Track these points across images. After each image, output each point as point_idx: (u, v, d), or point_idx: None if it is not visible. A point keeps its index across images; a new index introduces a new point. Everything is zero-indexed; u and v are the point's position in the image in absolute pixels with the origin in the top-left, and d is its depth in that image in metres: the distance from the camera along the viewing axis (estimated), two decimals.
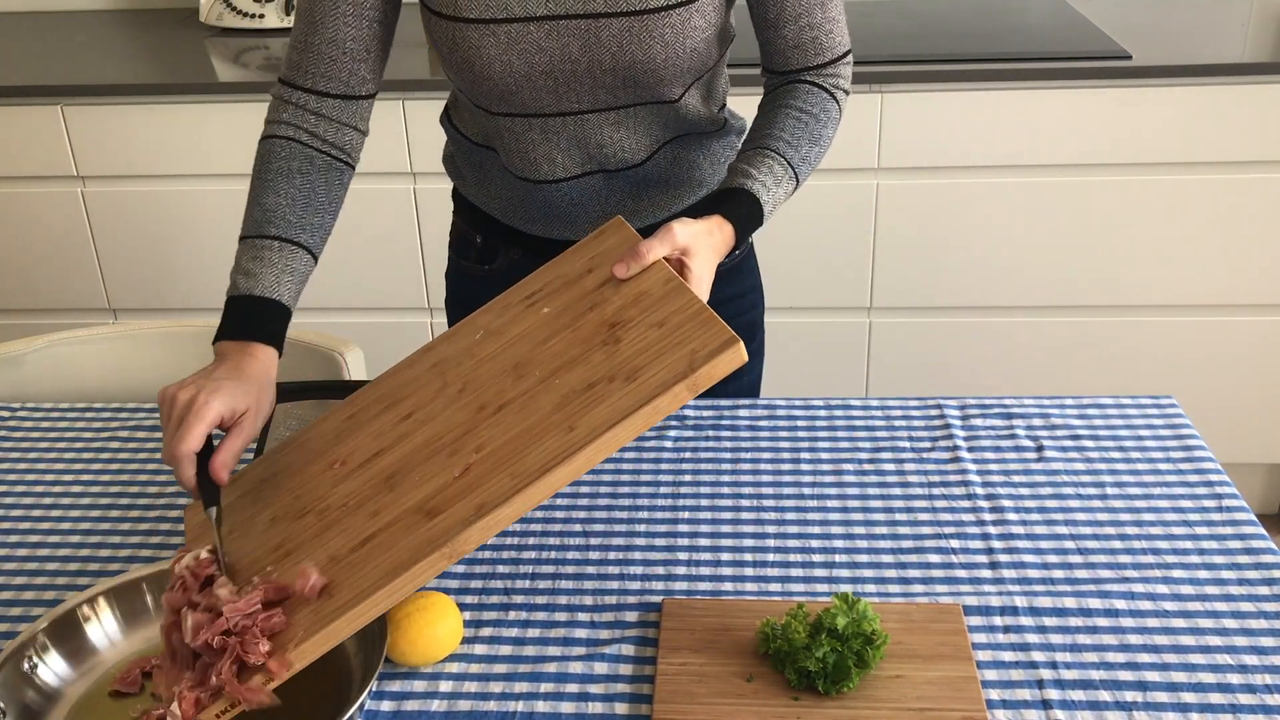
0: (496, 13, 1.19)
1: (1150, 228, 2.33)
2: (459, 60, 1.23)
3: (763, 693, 0.98)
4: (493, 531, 0.92)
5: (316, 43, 1.22)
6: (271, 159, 1.22)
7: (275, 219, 1.18)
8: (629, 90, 1.25)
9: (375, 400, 1.14)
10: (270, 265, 1.16)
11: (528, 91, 1.24)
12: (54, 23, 2.80)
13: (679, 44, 1.21)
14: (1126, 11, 2.54)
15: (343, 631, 0.91)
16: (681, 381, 0.93)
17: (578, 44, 1.20)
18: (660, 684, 1.00)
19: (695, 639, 1.04)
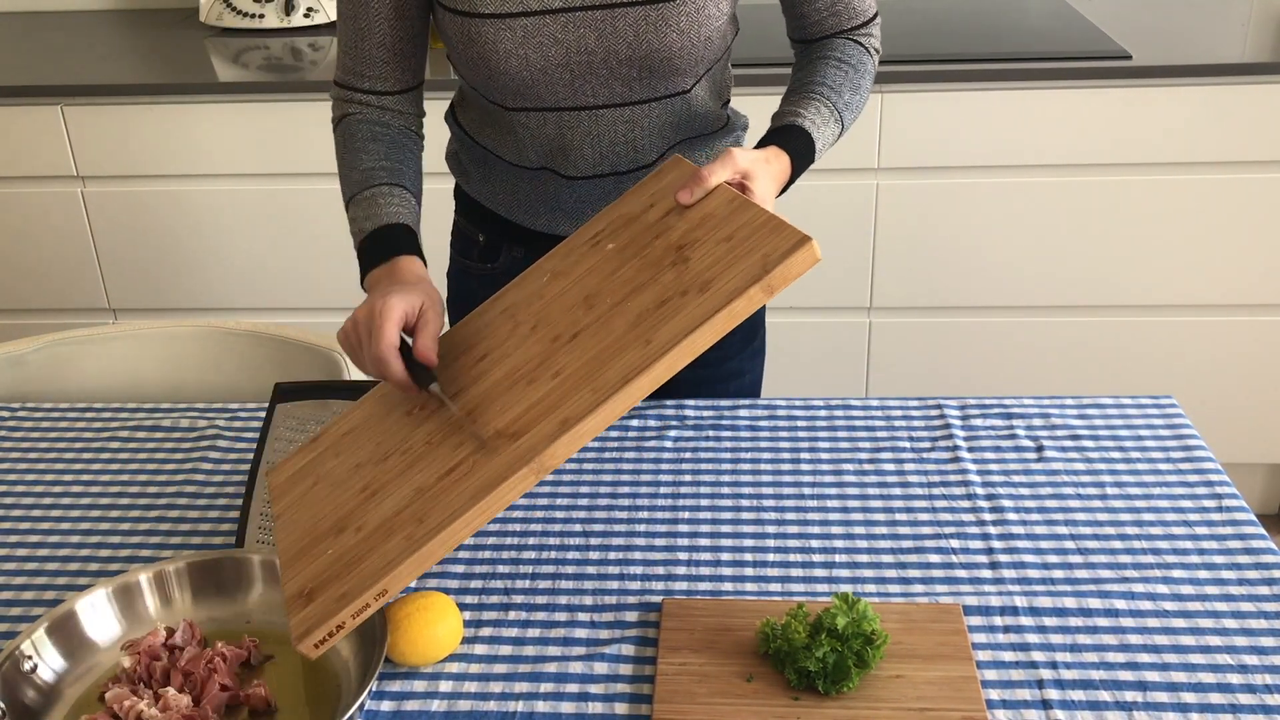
0: (512, 7, 1.19)
1: (1150, 228, 2.33)
2: (474, 56, 1.23)
3: (763, 693, 0.98)
4: (577, 445, 0.94)
5: (367, 48, 1.27)
6: (355, 133, 1.28)
7: (377, 173, 1.24)
8: (644, 82, 1.25)
9: (449, 350, 1.14)
10: (385, 205, 1.21)
11: (544, 85, 1.24)
12: (54, 23, 2.80)
13: (695, 32, 1.22)
14: (1126, 11, 2.54)
15: (436, 553, 0.93)
16: (756, 284, 0.94)
17: (594, 35, 1.20)
18: (660, 684, 1.00)
19: (695, 639, 1.04)
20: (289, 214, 2.42)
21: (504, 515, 1.24)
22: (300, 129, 2.33)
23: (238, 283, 2.50)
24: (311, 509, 1.06)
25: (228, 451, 1.38)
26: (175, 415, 1.46)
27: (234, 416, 1.45)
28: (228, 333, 1.63)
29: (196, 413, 1.46)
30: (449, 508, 0.95)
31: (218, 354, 1.64)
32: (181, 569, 1.10)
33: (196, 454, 1.38)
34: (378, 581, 0.93)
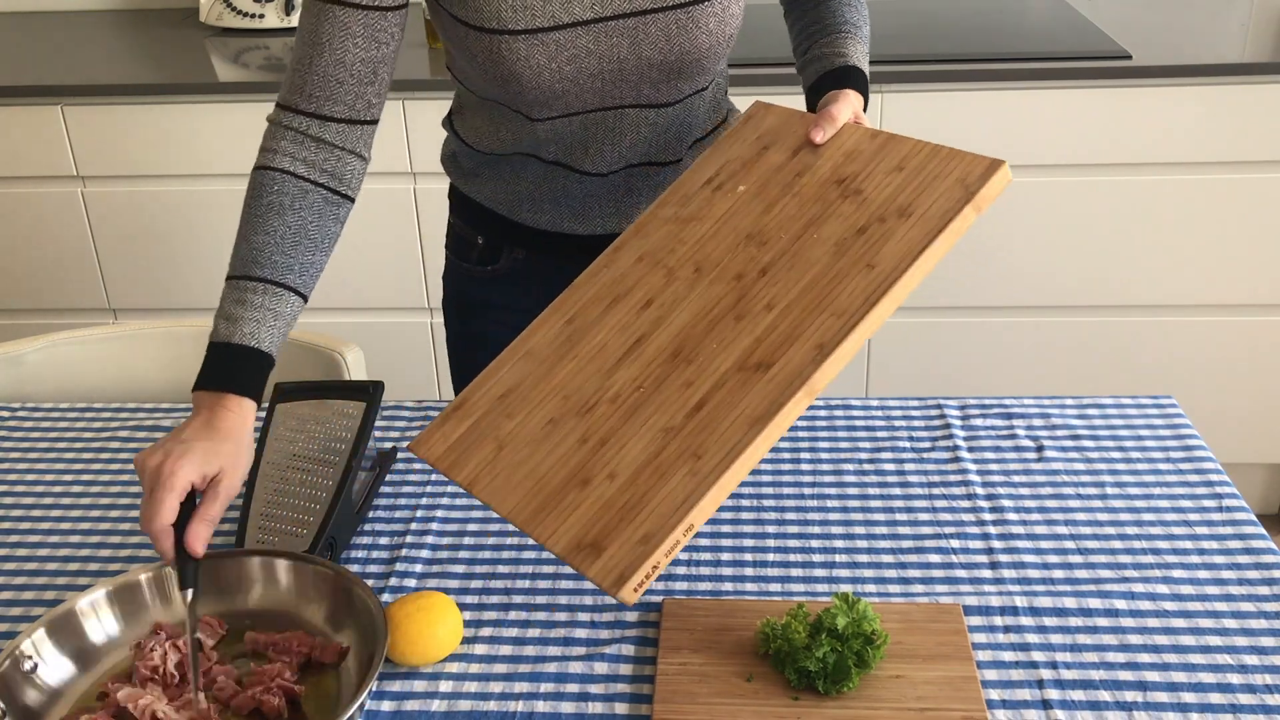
0: (543, 22, 1.17)
1: (1150, 228, 2.33)
2: (503, 73, 1.20)
3: (763, 693, 0.99)
4: (839, 366, 0.95)
5: (322, 64, 1.15)
6: (263, 192, 1.15)
7: (263, 259, 1.12)
8: (670, 83, 1.26)
9: (589, 303, 1.13)
10: (254, 309, 1.10)
11: (574, 94, 1.23)
12: (54, 23, 2.80)
13: (721, 31, 1.23)
14: (1126, 11, 2.54)
15: (731, 484, 0.93)
16: (967, 204, 0.97)
17: (626, 43, 1.20)
18: (660, 684, 1.00)
19: (695, 639, 1.04)
20: None
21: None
22: None
23: None
24: (525, 469, 1.02)
25: None
26: (175, 415, 1.46)
27: None
28: None
29: None
30: (728, 440, 0.95)
31: None
32: None
33: None
34: (684, 518, 0.92)
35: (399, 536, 1.22)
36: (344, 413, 1.25)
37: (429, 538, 1.21)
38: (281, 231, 1.14)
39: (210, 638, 1.06)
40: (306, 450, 1.22)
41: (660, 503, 0.94)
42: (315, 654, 1.04)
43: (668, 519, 0.92)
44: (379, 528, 1.24)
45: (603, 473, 0.98)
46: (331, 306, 2.50)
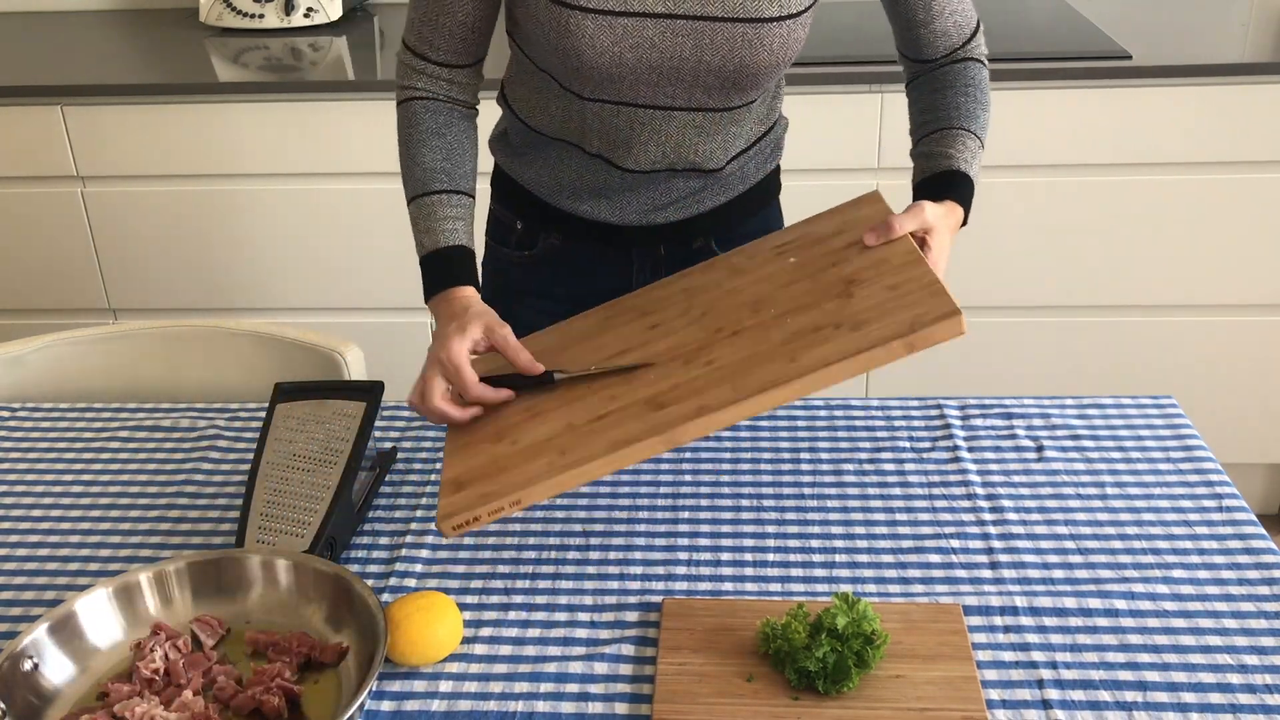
0: (615, 5, 1.20)
1: (1150, 228, 2.33)
2: (566, 47, 1.23)
3: (763, 693, 0.99)
4: (707, 431, 1.03)
5: (446, 23, 1.28)
6: (418, 120, 1.32)
7: (437, 175, 1.30)
8: (724, 92, 1.28)
9: (630, 309, 1.26)
10: (444, 218, 1.27)
11: (628, 83, 1.26)
12: (54, 23, 2.80)
13: (783, 52, 1.25)
14: (1126, 11, 2.54)
15: (567, 484, 1.05)
16: (900, 339, 1.02)
17: (690, 44, 1.22)
18: (660, 684, 1.00)
19: (695, 639, 1.04)
20: (289, 214, 2.42)
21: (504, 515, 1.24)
22: (300, 129, 2.33)
23: (238, 283, 2.50)
24: (487, 415, 1.17)
25: (228, 451, 1.38)
26: (175, 415, 1.46)
27: (234, 416, 1.45)
28: (228, 333, 1.63)
29: (196, 413, 1.46)
30: (587, 450, 1.06)
31: (218, 354, 1.63)
32: (181, 569, 1.10)
33: (196, 454, 1.37)
34: (515, 491, 1.05)
35: (399, 536, 1.22)
36: (344, 413, 1.25)
37: (429, 538, 1.21)
38: (445, 149, 1.31)
39: (210, 638, 1.06)
40: (306, 450, 1.22)
41: (515, 474, 1.07)
42: (315, 654, 1.04)
43: (507, 488, 1.06)
44: (379, 528, 1.24)
45: (511, 437, 1.12)
46: (331, 306, 2.50)
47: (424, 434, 1.39)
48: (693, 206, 1.41)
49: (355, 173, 2.36)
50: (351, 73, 2.38)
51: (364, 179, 2.37)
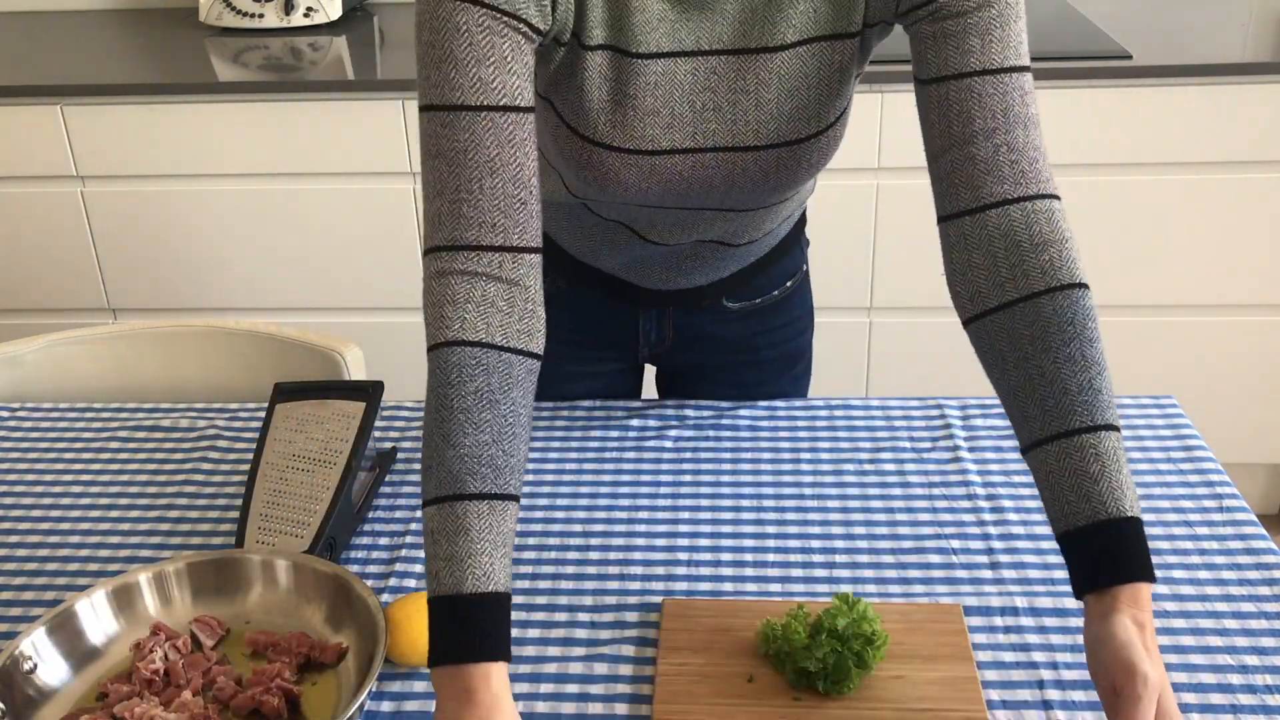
0: (640, 144, 1.07)
1: (1150, 228, 2.33)
2: (591, 177, 1.10)
3: (763, 693, 0.99)
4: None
5: (498, 185, 0.94)
6: (464, 378, 0.91)
7: (478, 469, 0.89)
8: (758, 198, 1.17)
9: None
10: (478, 541, 0.88)
11: (655, 202, 1.15)
12: (54, 23, 2.80)
13: (822, 163, 1.12)
14: (1126, 11, 2.54)
15: None
16: None
17: (721, 174, 1.10)
18: (660, 684, 1.00)
19: (695, 639, 1.04)
20: (289, 214, 2.42)
21: None
22: (300, 129, 2.33)
23: (237, 283, 2.50)
24: None
25: (227, 451, 1.38)
26: (175, 415, 1.46)
27: (234, 416, 1.45)
28: (228, 333, 1.63)
29: (196, 413, 1.46)
30: None
31: (218, 354, 1.63)
32: (181, 569, 1.10)
33: (196, 454, 1.37)
34: None
35: (399, 536, 1.22)
36: (344, 413, 1.25)
37: None
38: (496, 426, 0.91)
39: (210, 638, 1.06)
40: (306, 450, 1.22)
41: None
42: (315, 654, 1.04)
43: None
44: (379, 528, 1.24)
45: None
46: (331, 306, 2.50)
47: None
48: (716, 273, 1.33)
49: (355, 173, 2.36)
50: (351, 73, 2.38)
51: (364, 179, 2.37)
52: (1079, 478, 0.89)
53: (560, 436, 1.38)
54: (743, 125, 1.07)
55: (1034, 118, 0.99)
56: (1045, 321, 0.93)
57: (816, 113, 1.07)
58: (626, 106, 1.06)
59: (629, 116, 1.06)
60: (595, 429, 1.39)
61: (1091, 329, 0.93)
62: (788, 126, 1.07)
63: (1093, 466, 0.89)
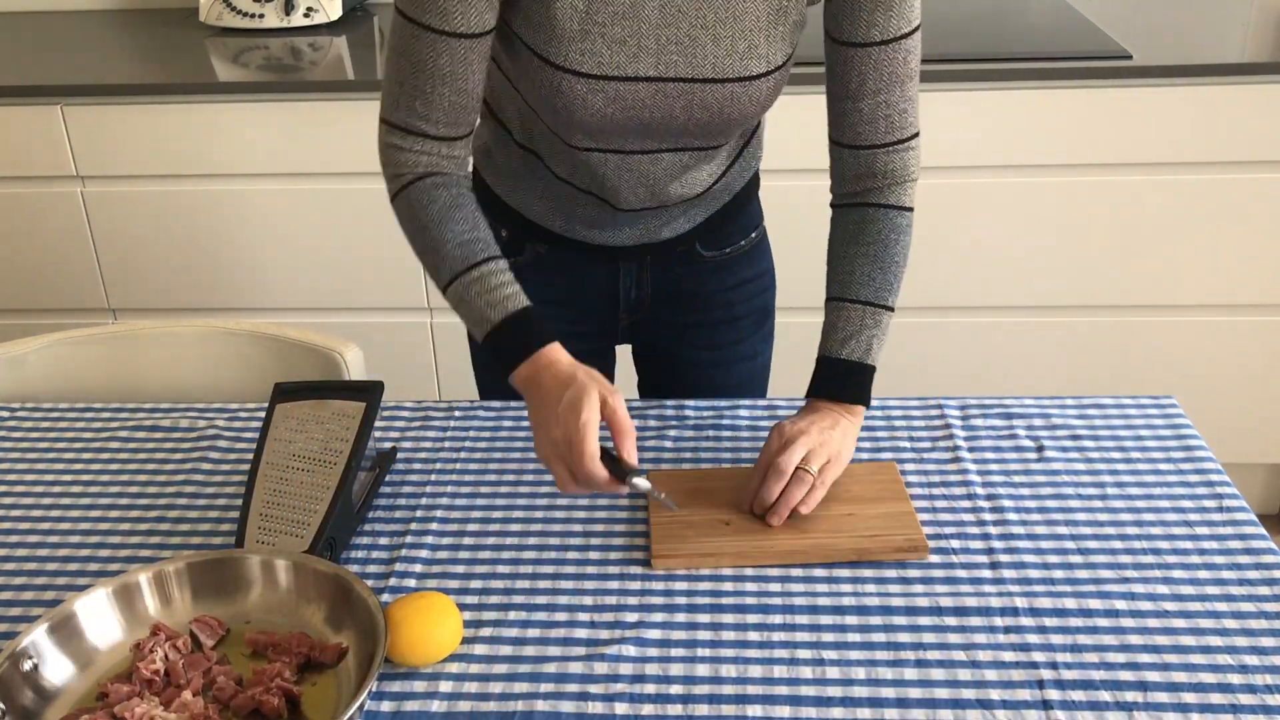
0: (608, 70, 1.19)
1: (1150, 228, 2.33)
2: (558, 105, 1.22)
3: (740, 531, 1.19)
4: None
5: (447, 93, 1.19)
6: (432, 199, 1.22)
7: (474, 247, 1.21)
8: (710, 136, 1.29)
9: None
10: (501, 284, 1.19)
11: (618, 136, 1.26)
12: (54, 23, 2.80)
13: (769, 100, 1.26)
14: (1126, 11, 2.54)
15: None
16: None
17: (681, 103, 1.23)
18: (654, 532, 1.19)
19: (678, 499, 1.22)
20: (289, 214, 2.42)
21: (504, 516, 1.24)
22: (300, 129, 2.33)
23: (237, 283, 2.50)
24: None
25: (228, 451, 1.38)
26: (175, 415, 1.46)
27: (234, 416, 1.45)
28: (228, 333, 1.63)
29: (196, 413, 1.46)
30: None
31: (218, 354, 1.64)
32: (181, 569, 1.10)
33: (196, 454, 1.37)
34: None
35: (399, 536, 1.22)
36: (344, 413, 1.25)
37: (429, 538, 1.21)
38: (468, 221, 1.23)
39: (210, 638, 1.06)
40: (306, 450, 1.22)
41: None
42: (315, 654, 1.04)
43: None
44: (379, 528, 1.24)
45: None
46: (331, 306, 2.50)
47: (424, 434, 1.39)
48: (683, 225, 1.44)
49: (355, 173, 2.36)
50: (351, 73, 2.39)
51: (364, 179, 2.37)
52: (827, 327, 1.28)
53: None
54: (700, 59, 1.20)
55: (912, 71, 1.25)
56: (865, 223, 1.30)
57: (765, 54, 1.22)
58: (595, 35, 1.18)
59: (597, 45, 1.18)
60: None
61: (894, 238, 1.29)
62: (740, 63, 1.21)
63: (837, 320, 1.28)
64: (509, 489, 1.29)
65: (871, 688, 1.00)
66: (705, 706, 0.99)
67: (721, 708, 0.99)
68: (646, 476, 1.12)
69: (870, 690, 1.00)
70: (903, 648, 1.05)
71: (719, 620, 1.09)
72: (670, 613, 1.10)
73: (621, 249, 1.44)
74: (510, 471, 1.32)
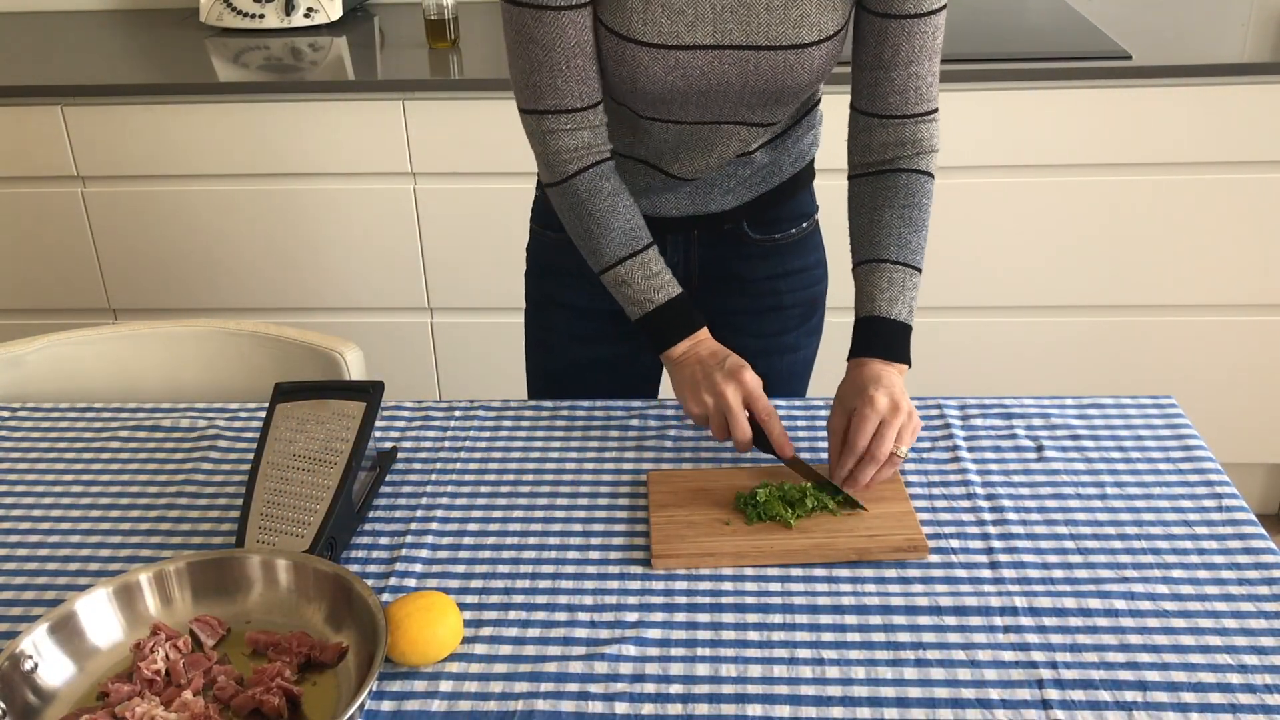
0: (668, 39, 1.26)
1: (1150, 228, 2.33)
2: (623, 74, 1.28)
3: (739, 532, 1.19)
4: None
5: (580, 63, 1.27)
6: (598, 189, 1.33)
7: (637, 233, 1.34)
8: (767, 109, 1.34)
9: None
10: (660, 271, 1.33)
11: (679, 104, 1.32)
12: (54, 23, 2.80)
13: (823, 70, 1.31)
14: (1126, 11, 2.54)
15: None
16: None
17: (736, 71, 1.28)
18: (655, 531, 1.19)
19: (679, 498, 1.24)
20: (289, 214, 2.42)
21: (504, 515, 1.25)
22: (300, 129, 2.33)
23: (238, 283, 2.50)
24: None
25: (228, 451, 1.38)
26: (175, 415, 1.46)
27: (234, 416, 1.45)
28: (228, 333, 1.63)
29: (196, 413, 1.46)
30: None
31: (218, 354, 1.64)
32: (181, 569, 1.10)
33: (196, 454, 1.38)
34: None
35: (399, 536, 1.22)
36: (344, 413, 1.25)
37: (429, 538, 1.22)
38: (628, 208, 1.34)
39: (210, 637, 1.06)
40: (306, 450, 1.22)
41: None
42: (315, 654, 1.04)
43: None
44: (379, 528, 1.24)
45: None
46: (331, 306, 2.50)
47: (424, 434, 1.39)
48: (730, 201, 1.47)
49: (355, 173, 2.36)
50: (351, 73, 2.39)
51: (364, 179, 2.37)
52: (871, 287, 1.31)
53: (561, 436, 1.38)
54: (755, 27, 1.26)
55: (939, 47, 1.33)
56: (897, 187, 1.34)
57: (817, 22, 1.27)
58: (655, 5, 1.24)
59: (657, 14, 1.25)
60: (596, 429, 1.39)
61: (925, 202, 1.34)
62: (793, 31, 1.26)
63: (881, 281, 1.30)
64: (509, 489, 1.29)
65: (871, 687, 1.00)
66: (705, 706, 0.99)
67: (721, 707, 0.99)
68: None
69: (870, 690, 1.00)
70: (902, 647, 1.05)
71: (719, 620, 1.09)
72: (670, 613, 1.10)
73: (669, 219, 1.47)
74: (510, 471, 1.32)
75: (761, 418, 1.25)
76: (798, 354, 1.60)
